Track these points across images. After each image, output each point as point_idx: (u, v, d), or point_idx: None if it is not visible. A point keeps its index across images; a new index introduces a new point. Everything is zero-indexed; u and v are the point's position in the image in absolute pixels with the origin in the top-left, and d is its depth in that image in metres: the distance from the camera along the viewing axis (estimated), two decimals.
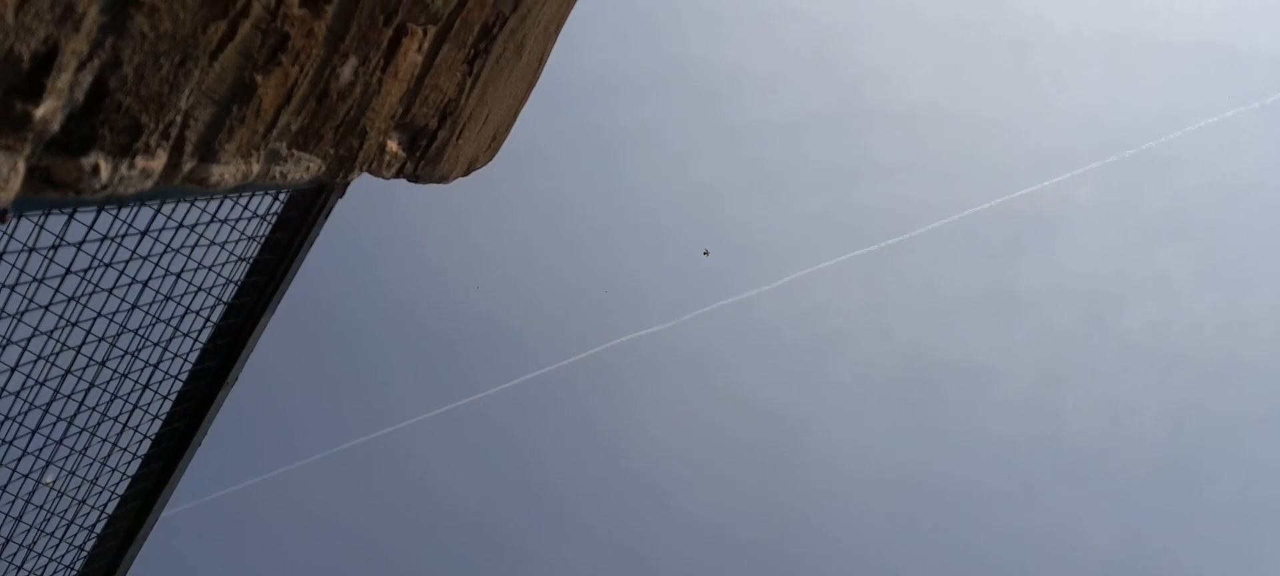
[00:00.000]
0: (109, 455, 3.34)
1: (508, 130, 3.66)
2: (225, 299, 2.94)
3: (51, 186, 1.31)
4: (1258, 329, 25.77)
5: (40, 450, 3.18)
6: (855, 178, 25.68)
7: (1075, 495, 26.78)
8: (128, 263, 2.60)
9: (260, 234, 2.73)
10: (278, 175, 2.05)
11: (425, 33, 2.19)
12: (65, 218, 2.26)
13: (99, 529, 3.64)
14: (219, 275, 2.85)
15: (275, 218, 2.73)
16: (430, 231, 27.40)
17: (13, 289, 2.50)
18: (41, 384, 2.84)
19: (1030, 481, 26.99)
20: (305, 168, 2.12)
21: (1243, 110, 23.54)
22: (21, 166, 1.24)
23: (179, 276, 2.77)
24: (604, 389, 27.28)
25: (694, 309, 27.27)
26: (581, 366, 26.15)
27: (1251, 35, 24.40)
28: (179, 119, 1.53)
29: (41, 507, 3.41)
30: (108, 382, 3.06)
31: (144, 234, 2.52)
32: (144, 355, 3.01)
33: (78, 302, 2.61)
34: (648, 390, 28.14)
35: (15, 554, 3.42)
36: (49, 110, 1.23)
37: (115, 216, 2.43)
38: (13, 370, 2.71)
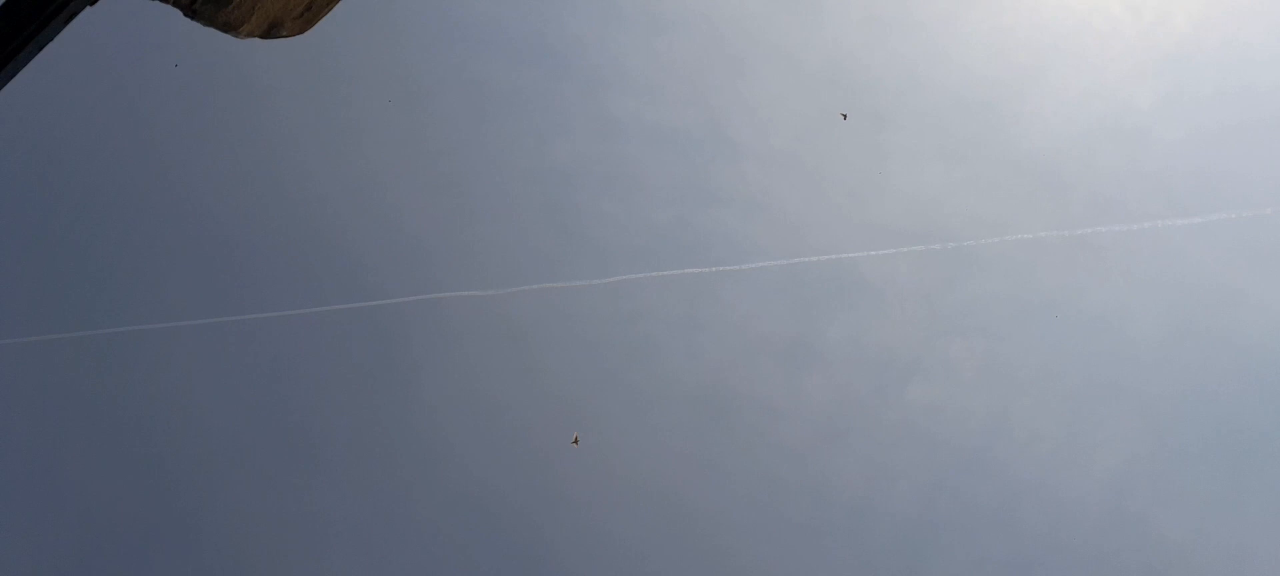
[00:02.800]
0: None
1: (329, 4, 3.26)
2: None
3: None
4: (1015, 433, 27.64)
5: None
6: (703, 199, 26.10)
7: (821, 548, 27.97)
8: None
9: None
10: None
11: None
12: None
13: None
14: None
15: None
16: (231, 109, 25.89)
17: None
18: None
19: (792, 525, 28.00)
20: None
21: (1056, 234, 25.26)
22: None
23: None
24: (400, 340, 26.59)
25: (516, 284, 26.98)
26: (381, 311, 25.39)
27: (1081, 166, 26.26)
28: None
29: None
30: None
31: None
32: None
33: None
34: (447, 350, 27.65)
35: None
36: None
37: None
38: None
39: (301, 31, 3.27)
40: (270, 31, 2.96)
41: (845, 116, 23.42)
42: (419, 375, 27.33)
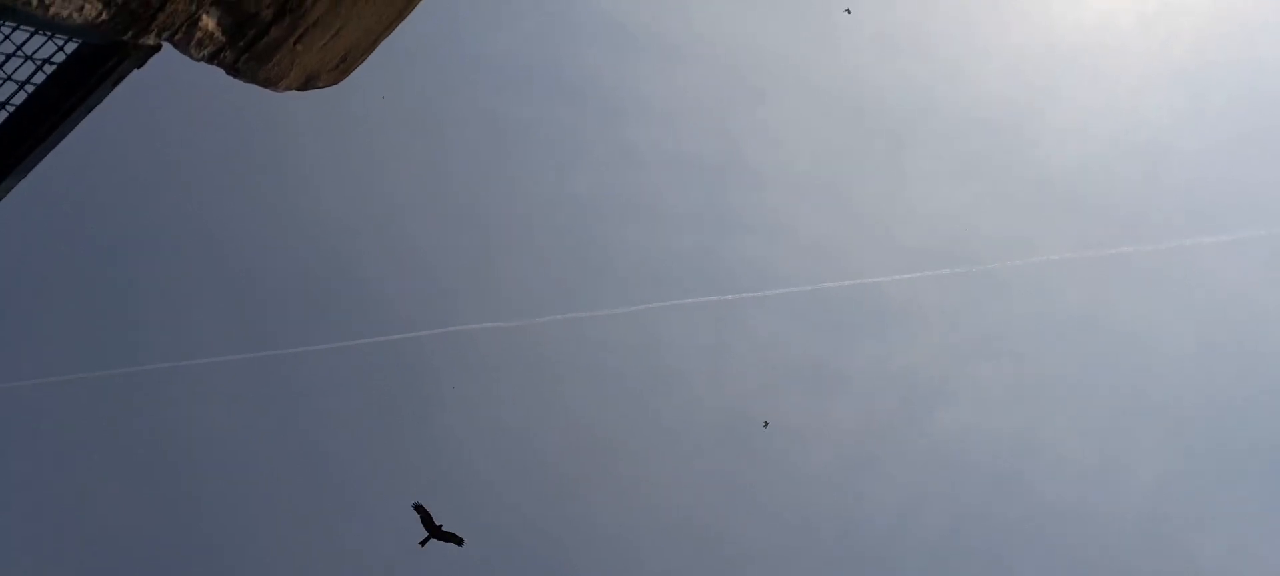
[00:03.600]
0: None
1: (363, 55, 3.31)
2: None
3: None
4: (1045, 455, 27.30)
5: None
6: (725, 227, 26.08)
7: (852, 575, 27.66)
8: None
9: (27, 79, 2.29)
10: (37, 3, 1.68)
11: None
12: None
13: None
14: None
15: (53, 68, 2.30)
16: (263, 155, 26.15)
17: None
18: None
19: (821, 552, 27.73)
20: (78, 7, 1.76)
21: (1081, 254, 25.06)
22: None
23: None
24: (422, 372, 26.65)
25: (538, 314, 27.00)
26: (408, 344, 25.44)
27: (1102, 184, 26.08)
28: None
29: None
30: None
31: None
32: None
33: None
34: (471, 382, 27.66)
35: None
36: None
37: None
38: None
39: (337, 82, 3.30)
40: (307, 84, 2.99)
41: (849, 11, 22.81)
42: (443, 407, 27.36)
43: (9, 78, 2.33)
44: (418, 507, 15.42)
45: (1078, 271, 26.69)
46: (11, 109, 2.37)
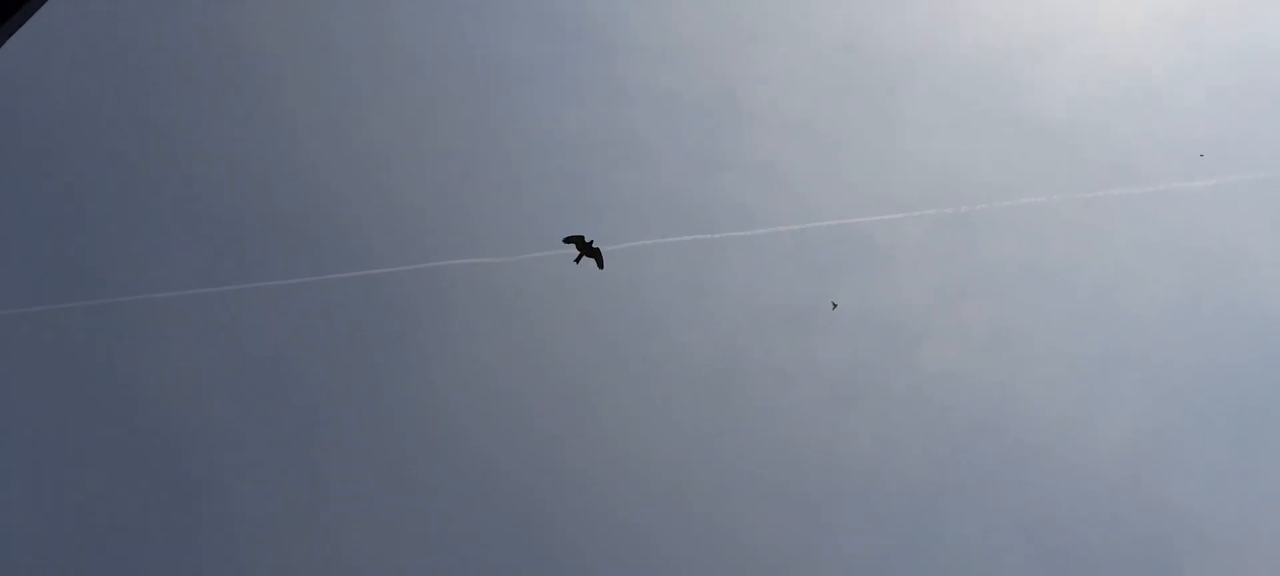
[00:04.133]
0: None
1: None
2: None
3: None
4: (1025, 398, 27.65)
5: None
6: (713, 167, 26.08)
7: (832, 514, 28.12)
8: None
9: None
10: None
11: None
12: None
13: None
14: None
15: None
16: (228, 85, 25.99)
17: None
18: None
19: (797, 490, 28.14)
20: None
21: (1068, 198, 25.18)
22: None
23: None
24: (405, 308, 26.75)
25: (523, 252, 27.06)
26: (388, 280, 25.53)
27: (1093, 131, 26.13)
28: None
29: None
30: None
31: None
32: None
33: None
34: (454, 318, 27.78)
35: None
36: None
37: None
38: None
39: None
40: None
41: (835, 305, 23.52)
42: (425, 343, 27.48)
43: None
44: (571, 239, 16.89)
45: (1066, 214, 26.87)
46: None
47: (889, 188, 26.68)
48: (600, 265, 18.07)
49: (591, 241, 17.50)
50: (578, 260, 17.85)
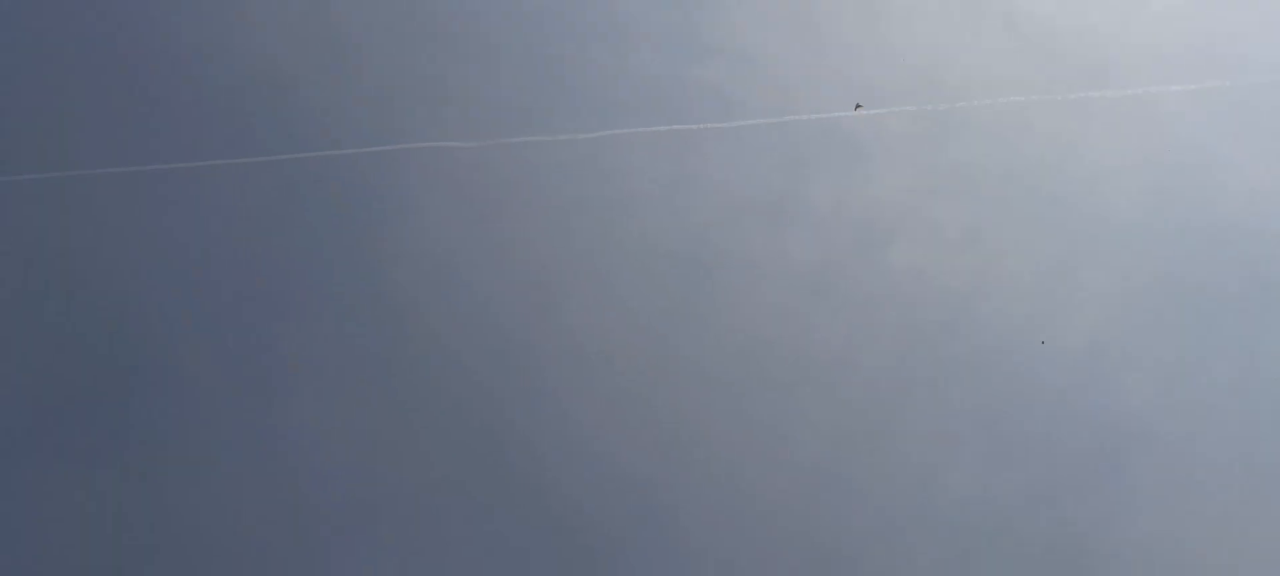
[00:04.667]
0: None
1: None
2: None
3: None
4: (992, 296, 28.03)
5: None
6: (694, 51, 25.24)
7: (796, 403, 28.47)
8: None
9: None
10: None
11: None
12: None
13: None
14: None
15: None
16: None
17: None
18: None
19: (762, 381, 28.37)
20: None
21: (1052, 98, 25.04)
22: None
23: None
24: (381, 189, 25.82)
25: (491, 136, 26.18)
26: (365, 159, 24.52)
27: (1075, 34, 25.86)
28: None
29: None
30: None
31: None
32: None
33: None
34: (415, 203, 26.95)
35: None
36: None
37: None
38: None
39: None
40: None
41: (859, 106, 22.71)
42: (385, 228, 26.73)
43: None
44: None
45: (1041, 114, 26.78)
46: None
47: (870, 81, 26.24)
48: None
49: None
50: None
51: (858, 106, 23.14)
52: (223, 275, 24.92)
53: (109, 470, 23.31)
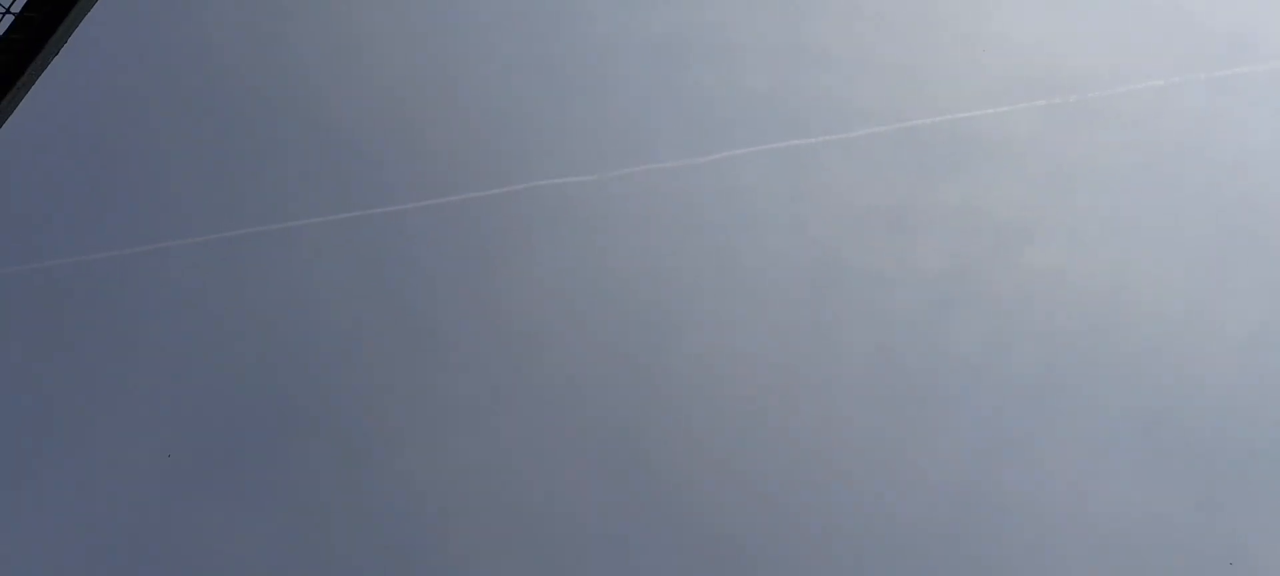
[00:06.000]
0: None
1: None
2: None
3: None
4: (1141, 292, 26.49)
5: None
6: (806, 64, 24.88)
7: (933, 416, 27.54)
8: None
9: None
10: None
11: None
12: None
13: None
14: None
15: None
16: (360, 15, 25.44)
17: None
18: None
19: (896, 394, 27.58)
20: None
21: (1187, 79, 23.58)
22: None
23: None
24: (507, 228, 26.39)
25: (615, 166, 26.42)
26: (492, 200, 25.13)
27: (1212, 7, 24.29)
28: None
29: None
30: None
31: None
32: None
33: None
34: (548, 236, 27.38)
35: None
36: None
37: None
38: None
39: None
40: None
41: None
42: (512, 264, 27.22)
43: None
44: None
45: (1180, 96, 25.23)
46: None
47: (990, 76, 25.28)
48: None
49: None
50: None
51: None
52: (363, 321, 25.95)
53: (274, 508, 24.54)
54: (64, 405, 23.49)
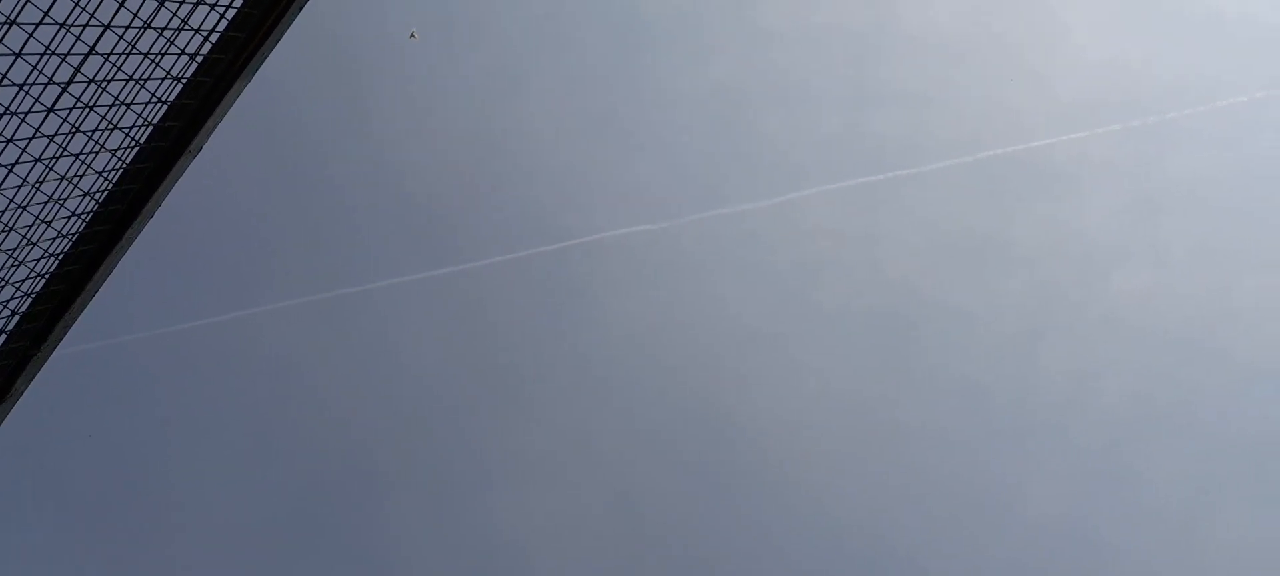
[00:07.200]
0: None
1: None
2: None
3: None
4: (1237, 313, 25.46)
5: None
6: (873, 101, 24.63)
7: (1028, 452, 26.68)
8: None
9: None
10: None
11: None
12: None
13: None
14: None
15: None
16: (426, 80, 25.95)
17: None
18: None
19: (987, 432, 26.81)
20: None
21: (1271, 94, 22.74)
22: None
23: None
24: (579, 279, 26.47)
25: (684, 213, 26.39)
26: (563, 253, 25.27)
27: None
28: None
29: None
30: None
31: None
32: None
33: None
34: (623, 287, 27.41)
35: None
36: None
37: None
38: None
39: None
40: None
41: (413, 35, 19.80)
42: (585, 316, 27.25)
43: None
44: None
45: (1265, 112, 24.34)
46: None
47: (1066, 100, 24.70)
48: None
49: None
50: None
51: (412, 34, 19.92)
52: (439, 381, 26.21)
53: (357, 567, 24.75)
54: (156, 472, 24.10)
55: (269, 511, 25.05)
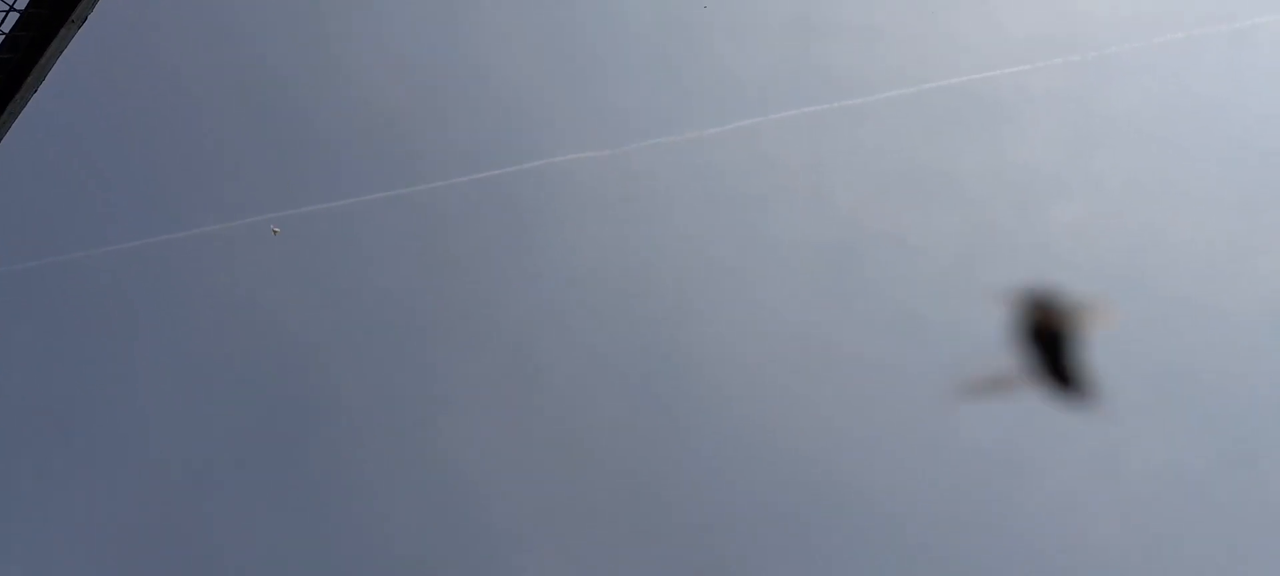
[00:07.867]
0: None
1: None
2: None
3: None
4: (1169, 247, 26.09)
5: None
6: (821, 31, 24.69)
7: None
8: None
9: None
10: None
11: None
12: None
13: None
14: None
15: None
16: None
17: None
18: None
19: (933, 366, 27.38)
20: None
21: (1209, 31, 23.09)
22: None
23: None
24: (520, 206, 26.51)
25: (628, 141, 26.42)
26: (503, 179, 25.25)
27: None
28: None
29: None
30: None
31: None
32: None
33: None
34: (565, 215, 27.49)
35: None
36: None
37: None
38: None
39: None
40: None
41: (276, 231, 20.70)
42: (530, 242, 27.36)
43: None
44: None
45: (1204, 49, 24.72)
46: None
47: (1008, 34, 24.93)
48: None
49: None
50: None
51: (275, 231, 21.48)
52: (381, 305, 26.23)
53: (292, 495, 24.98)
54: (74, 403, 24.06)
55: (218, 440, 25.13)
